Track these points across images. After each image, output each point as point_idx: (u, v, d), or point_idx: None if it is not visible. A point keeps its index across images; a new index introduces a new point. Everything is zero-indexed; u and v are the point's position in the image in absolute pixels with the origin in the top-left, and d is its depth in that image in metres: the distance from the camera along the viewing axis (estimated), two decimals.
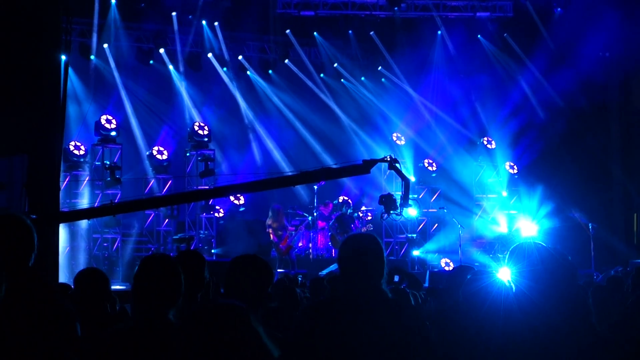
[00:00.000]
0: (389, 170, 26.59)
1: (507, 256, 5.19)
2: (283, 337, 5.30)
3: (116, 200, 20.16)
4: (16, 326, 2.96)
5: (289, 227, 23.80)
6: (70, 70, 17.09)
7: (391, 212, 13.67)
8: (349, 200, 25.57)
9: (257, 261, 6.01)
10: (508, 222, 26.86)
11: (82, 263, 22.15)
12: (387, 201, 13.71)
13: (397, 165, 13.38)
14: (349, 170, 13.88)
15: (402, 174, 13.71)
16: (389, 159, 13.14)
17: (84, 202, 22.83)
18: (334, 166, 14.07)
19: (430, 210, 27.31)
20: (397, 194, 25.00)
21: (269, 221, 23.31)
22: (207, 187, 23.01)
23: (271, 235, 23.09)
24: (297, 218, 25.08)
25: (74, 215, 17.02)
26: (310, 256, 24.15)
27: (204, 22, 27.17)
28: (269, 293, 6.07)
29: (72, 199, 22.81)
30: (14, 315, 3.17)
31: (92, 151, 23.77)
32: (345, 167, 13.90)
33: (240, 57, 28.24)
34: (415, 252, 25.72)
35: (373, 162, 12.81)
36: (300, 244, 24.66)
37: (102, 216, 20.46)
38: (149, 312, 5.04)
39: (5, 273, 2.83)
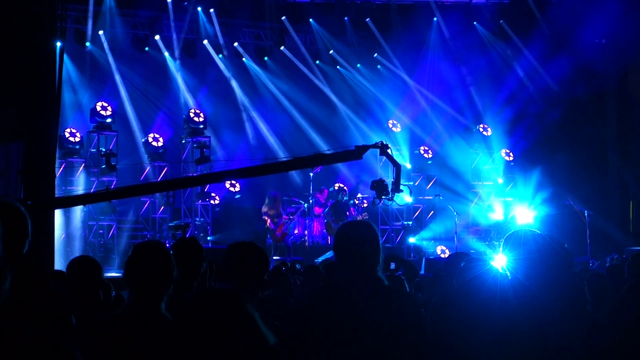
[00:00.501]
0: (384, 158, 26.73)
1: (501, 244, 5.19)
2: (279, 324, 5.30)
3: (112, 187, 20.12)
4: (10, 314, 2.94)
5: (284, 215, 23.77)
6: (65, 57, 17.10)
7: (382, 197, 13.84)
8: (345, 188, 25.51)
9: (253, 248, 6.02)
10: (504, 210, 26.91)
11: (77, 250, 22.15)
12: (379, 186, 14.00)
13: (389, 150, 13.53)
14: (342, 155, 14.10)
15: (394, 159, 13.90)
16: (380, 145, 13.31)
17: (79, 189, 22.78)
18: (328, 152, 14.20)
19: (426, 197, 27.36)
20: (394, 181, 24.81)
21: (265, 208, 23.27)
22: (194, 174, 23.04)
23: (267, 222, 23.06)
24: (292, 205, 25.07)
25: (68, 201, 17.01)
26: (306, 243, 24.16)
27: (199, 8, 27.11)
28: (265, 280, 6.07)
29: (67, 186, 22.77)
30: (8, 303, 3.15)
31: (88, 138, 23.77)
32: (338, 152, 14.10)
33: (235, 44, 28.20)
34: (411, 240, 25.76)
35: (365, 147, 13.13)
36: (295, 231, 24.68)
37: (96, 202, 20.45)
38: (140, 299, 5.04)
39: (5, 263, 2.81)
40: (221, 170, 23.17)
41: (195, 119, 24.73)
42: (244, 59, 28.48)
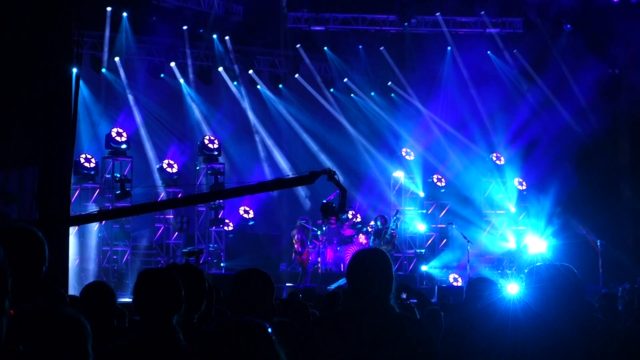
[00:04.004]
0: (397, 186, 26.83)
1: (525, 277, 5.24)
2: (290, 352, 5.32)
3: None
4: (26, 340, 2.97)
5: (315, 241, 23.82)
6: (81, 83, 17.20)
7: (329, 217, 15.87)
8: (385, 216, 24.96)
9: (258, 274, 6.04)
10: (516, 238, 26.84)
11: (91, 275, 22.23)
12: (326, 208, 15.97)
13: (336, 177, 14.72)
14: (297, 180, 15.25)
15: (340, 184, 15.12)
16: (328, 171, 14.60)
17: None
18: (285, 177, 15.10)
19: (438, 225, 27.31)
20: (411, 209, 25.26)
21: (294, 232, 23.34)
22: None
23: (296, 245, 23.01)
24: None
25: (79, 219, 17.07)
26: (319, 270, 24.10)
27: (215, 36, 27.30)
28: (273, 306, 6.09)
29: (82, 212, 22.81)
30: (22, 330, 3.18)
31: (103, 164, 23.80)
32: (294, 177, 15.29)
33: (250, 71, 28.36)
34: (424, 268, 25.68)
35: (317, 173, 14.36)
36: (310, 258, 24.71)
37: (105, 220, 20.57)
38: (152, 323, 5.06)
39: (14, 292, 2.82)
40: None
41: (210, 145, 24.81)
42: (258, 87, 28.63)
